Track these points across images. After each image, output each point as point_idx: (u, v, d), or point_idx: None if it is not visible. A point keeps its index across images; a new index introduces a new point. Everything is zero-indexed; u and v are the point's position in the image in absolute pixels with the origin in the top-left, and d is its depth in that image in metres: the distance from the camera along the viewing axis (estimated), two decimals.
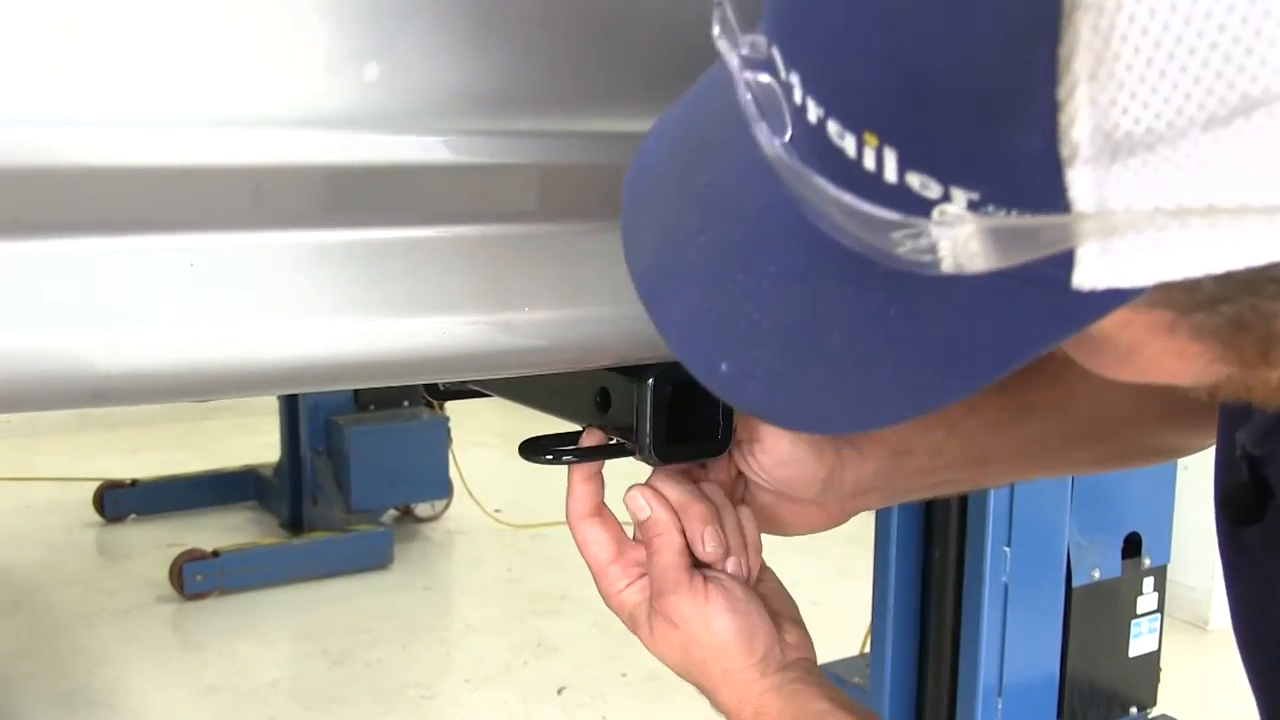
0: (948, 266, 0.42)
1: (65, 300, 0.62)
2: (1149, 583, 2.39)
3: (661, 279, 0.56)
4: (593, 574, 0.92)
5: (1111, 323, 0.44)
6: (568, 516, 0.92)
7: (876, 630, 2.17)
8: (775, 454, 0.91)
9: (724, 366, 0.54)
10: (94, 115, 0.60)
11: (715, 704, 0.90)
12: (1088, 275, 0.42)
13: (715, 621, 0.87)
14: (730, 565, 0.90)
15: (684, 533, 0.88)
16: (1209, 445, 1.00)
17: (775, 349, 0.52)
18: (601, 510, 0.92)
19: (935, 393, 0.50)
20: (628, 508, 0.90)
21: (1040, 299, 0.44)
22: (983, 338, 0.47)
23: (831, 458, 0.92)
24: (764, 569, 0.94)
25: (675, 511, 0.89)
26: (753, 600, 0.90)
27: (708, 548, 0.88)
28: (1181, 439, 1.00)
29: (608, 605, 0.93)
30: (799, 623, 0.93)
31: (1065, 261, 0.41)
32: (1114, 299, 0.42)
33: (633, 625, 0.92)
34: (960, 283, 0.43)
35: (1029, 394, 0.94)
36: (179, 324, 0.64)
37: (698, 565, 0.89)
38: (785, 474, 0.92)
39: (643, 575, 0.91)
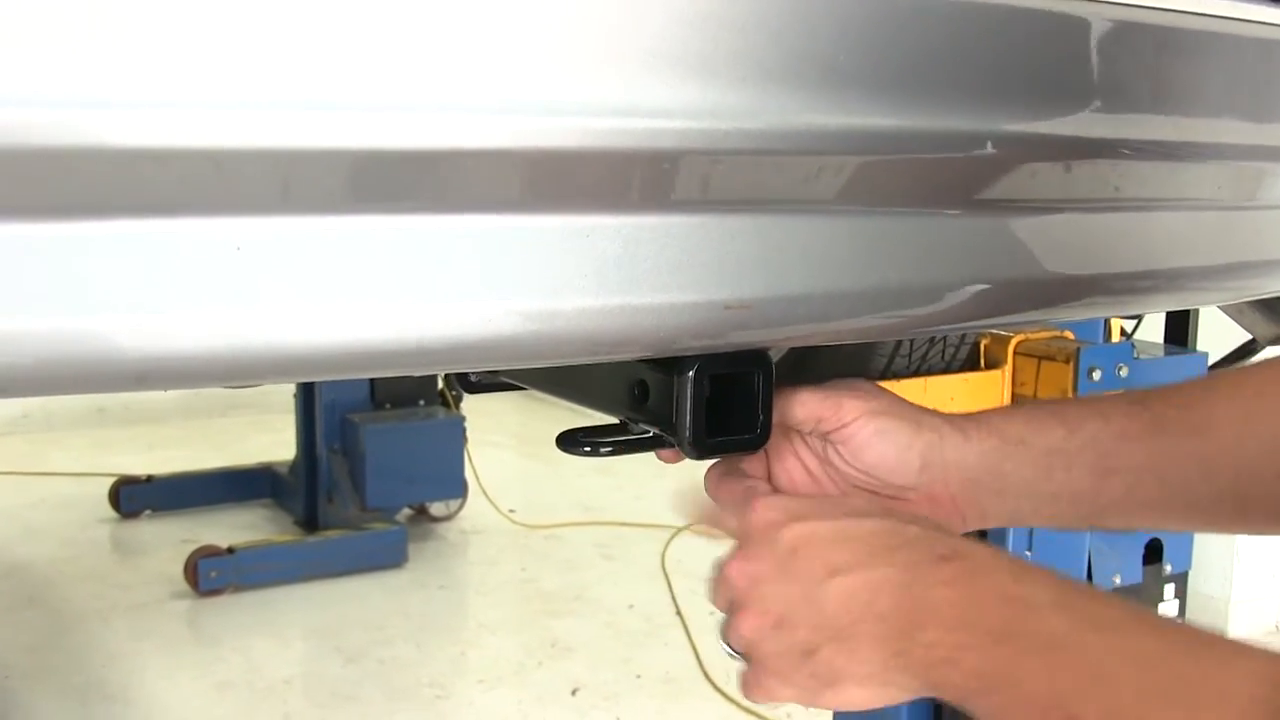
0: None
1: (110, 283, 0.62)
2: (1170, 589, 2.38)
3: None
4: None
5: None
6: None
7: None
8: (864, 431, 0.90)
9: None
10: (141, 96, 0.60)
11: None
12: None
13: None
14: None
15: None
16: None
17: None
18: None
19: None
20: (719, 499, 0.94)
21: None
22: None
23: (927, 432, 0.90)
24: None
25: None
26: None
27: None
28: None
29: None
30: None
31: None
32: None
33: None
34: None
35: (1161, 408, 0.88)
36: (223, 307, 0.64)
37: None
38: (878, 452, 0.90)
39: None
